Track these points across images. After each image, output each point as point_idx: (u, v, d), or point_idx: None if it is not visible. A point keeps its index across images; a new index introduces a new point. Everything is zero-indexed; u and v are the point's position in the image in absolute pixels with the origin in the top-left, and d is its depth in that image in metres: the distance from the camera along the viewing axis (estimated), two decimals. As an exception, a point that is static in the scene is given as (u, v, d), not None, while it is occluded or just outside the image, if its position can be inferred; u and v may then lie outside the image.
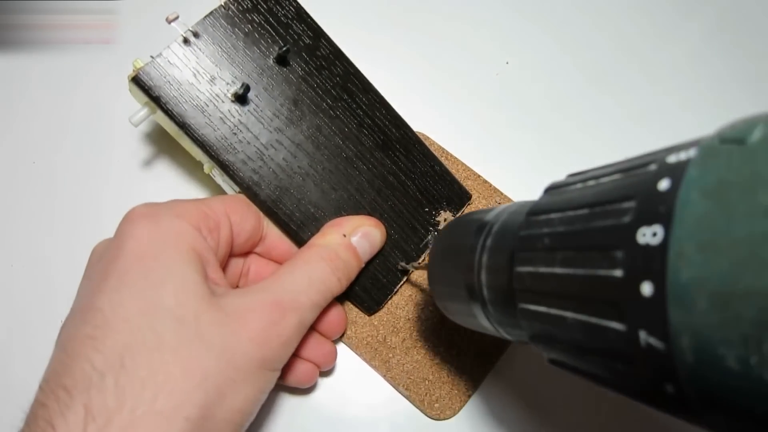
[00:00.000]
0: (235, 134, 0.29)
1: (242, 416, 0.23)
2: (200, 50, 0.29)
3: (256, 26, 0.31)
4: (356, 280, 0.30)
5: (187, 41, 0.29)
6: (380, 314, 0.33)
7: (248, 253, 0.30)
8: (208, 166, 0.31)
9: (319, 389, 0.32)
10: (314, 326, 0.29)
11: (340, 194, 0.31)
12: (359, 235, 0.30)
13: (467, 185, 0.35)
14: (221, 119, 0.29)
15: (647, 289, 0.12)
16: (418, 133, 0.35)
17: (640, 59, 0.43)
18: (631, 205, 0.13)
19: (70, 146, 0.37)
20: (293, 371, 0.29)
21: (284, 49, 0.30)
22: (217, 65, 0.30)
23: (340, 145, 0.32)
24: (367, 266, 0.31)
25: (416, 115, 0.35)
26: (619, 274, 0.13)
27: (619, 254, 0.13)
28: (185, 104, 0.29)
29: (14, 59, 0.39)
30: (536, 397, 0.32)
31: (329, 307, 0.29)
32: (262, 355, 0.23)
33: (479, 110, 0.40)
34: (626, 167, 0.15)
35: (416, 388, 0.31)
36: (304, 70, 0.31)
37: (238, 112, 0.30)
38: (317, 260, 0.27)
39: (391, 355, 0.32)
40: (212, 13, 0.30)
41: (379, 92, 0.33)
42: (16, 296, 0.33)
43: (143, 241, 0.23)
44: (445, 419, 0.31)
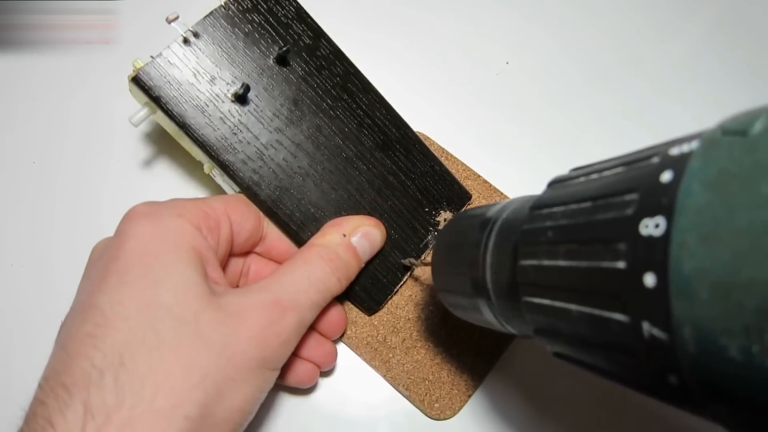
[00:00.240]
0: (235, 134, 0.29)
1: (241, 415, 0.23)
2: (200, 50, 0.29)
3: (256, 26, 0.31)
4: (356, 280, 0.30)
5: (187, 41, 0.29)
6: (380, 314, 0.33)
7: (248, 252, 0.30)
8: (208, 166, 0.31)
9: (319, 389, 0.32)
10: (314, 326, 0.29)
11: (340, 194, 0.31)
12: (359, 235, 0.30)
13: (467, 185, 0.36)
14: (221, 119, 0.29)
15: (650, 280, 0.12)
16: (418, 133, 0.35)
17: (639, 59, 0.43)
18: (633, 197, 0.13)
19: (70, 146, 0.37)
20: (293, 371, 0.29)
21: (284, 49, 0.30)
22: (217, 65, 0.30)
23: (340, 145, 0.32)
24: (367, 266, 0.31)
25: (416, 115, 0.35)
26: (622, 265, 0.13)
27: (622, 246, 0.13)
28: (185, 104, 0.29)
29: (14, 59, 0.39)
30: (536, 397, 0.32)
31: (329, 307, 0.29)
32: (261, 354, 0.23)
33: (479, 110, 0.40)
34: (629, 160, 0.15)
35: (416, 388, 0.31)
36: (304, 70, 0.31)
37: (238, 112, 0.30)
38: (317, 260, 0.27)
39: (391, 355, 0.32)
40: (212, 13, 0.30)
41: (379, 92, 0.33)
42: (16, 296, 0.33)
43: (143, 239, 0.23)
44: (445, 419, 0.31)
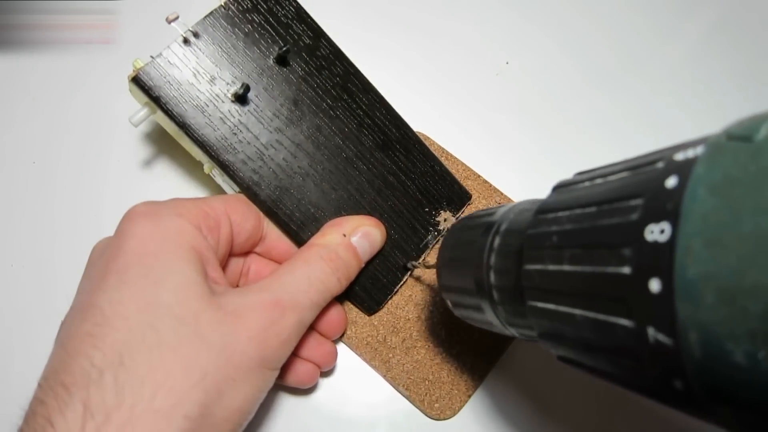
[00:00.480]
0: (235, 134, 0.29)
1: (241, 415, 0.23)
2: (200, 50, 0.29)
3: (256, 26, 0.31)
4: (356, 280, 0.30)
5: (187, 41, 0.29)
6: (380, 314, 0.33)
7: (248, 252, 0.30)
8: (208, 166, 0.30)
9: (319, 389, 0.32)
10: (314, 326, 0.29)
11: (340, 194, 0.31)
12: (359, 235, 0.30)
13: (467, 185, 0.36)
14: (221, 119, 0.29)
15: (655, 285, 0.12)
16: (418, 133, 0.35)
17: (639, 60, 0.43)
18: (638, 202, 0.13)
19: (70, 146, 0.37)
20: (294, 371, 0.29)
21: (284, 49, 0.30)
22: (217, 65, 0.30)
23: (340, 145, 0.32)
24: (367, 266, 0.31)
25: (416, 115, 0.35)
26: (627, 271, 0.13)
27: (627, 251, 0.13)
28: (185, 104, 0.29)
29: (14, 59, 0.39)
30: (536, 397, 0.32)
31: (329, 307, 0.29)
32: (261, 354, 0.23)
33: (479, 110, 0.40)
34: (634, 165, 0.15)
35: (416, 388, 0.31)
36: (304, 70, 0.31)
37: (238, 112, 0.30)
38: (317, 260, 0.27)
39: (391, 355, 0.32)
40: (212, 13, 0.30)
41: (379, 92, 0.33)
42: (16, 296, 0.33)
43: (143, 239, 0.23)
44: (445, 419, 0.31)
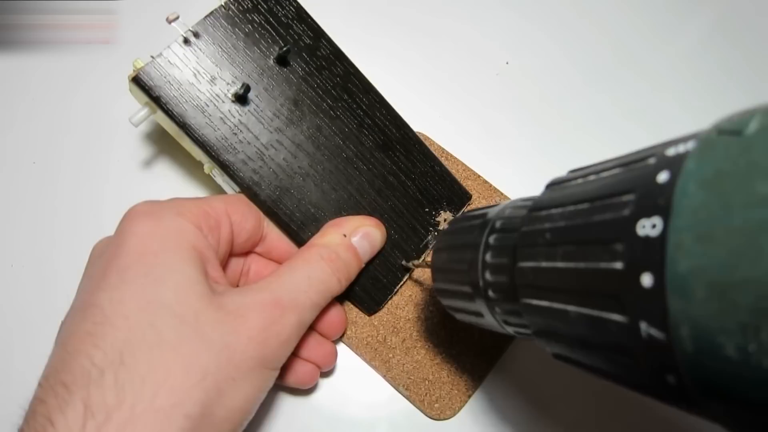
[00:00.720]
0: (235, 134, 0.29)
1: (241, 415, 0.23)
2: (200, 50, 0.29)
3: (256, 26, 0.31)
4: (356, 280, 0.30)
5: (187, 41, 0.29)
6: (380, 314, 0.33)
7: (249, 252, 0.30)
8: (208, 166, 0.31)
9: (319, 389, 0.32)
10: (314, 326, 0.29)
11: (340, 194, 0.31)
12: (359, 235, 0.30)
13: (467, 185, 0.36)
14: (221, 119, 0.29)
15: (647, 280, 0.12)
16: (418, 133, 0.35)
17: (639, 59, 0.43)
18: (630, 198, 0.13)
19: (70, 146, 0.37)
20: (294, 372, 0.29)
21: (284, 49, 0.30)
22: (217, 65, 0.30)
23: (340, 145, 0.32)
24: (367, 266, 0.31)
25: (416, 115, 0.35)
26: (619, 266, 0.13)
27: (619, 247, 0.13)
28: (185, 104, 0.29)
29: (14, 59, 0.39)
30: (536, 397, 0.32)
31: (329, 307, 0.29)
32: (261, 353, 0.23)
33: (479, 110, 0.40)
34: (626, 161, 0.15)
35: (416, 388, 0.31)
36: (304, 70, 0.32)
37: (238, 112, 0.30)
38: (317, 260, 0.27)
39: (391, 355, 0.32)
40: (212, 13, 0.30)
41: (379, 92, 0.33)
42: (16, 296, 0.33)
43: (144, 238, 0.23)
44: (445, 419, 0.31)
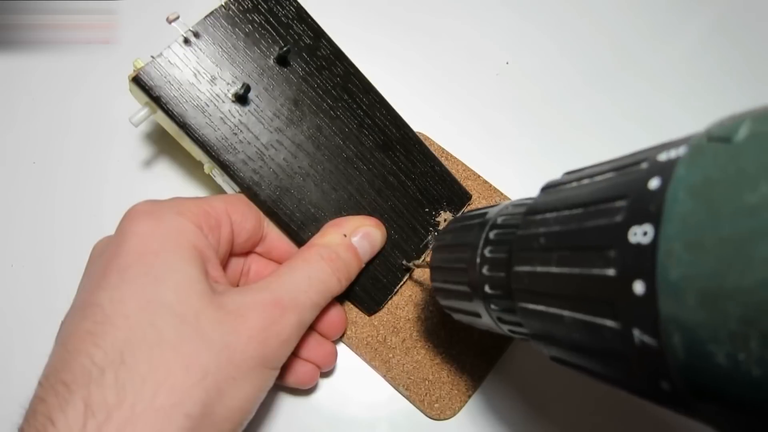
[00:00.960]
0: (235, 134, 0.29)
1: (241, 414, 0.23)
2: (201, 50, 0.29)
3: (256, 26, 0.31)
4: (356, 280, 0.30)
5: (187, 41, 0.29)
6: (380, 314, 0.33)
7: (249, 252, 0.30)
8: (208, 166, 0.31)
9: (319, 389, 0.32)
10: (314, 326, 0.29)
11: (340, 194, 0.31)
12: (360, 235, 0.30)
13: (467, 185, 0.36)
14: (222, 119, 0.29)
15: (639, 287, 0.12)
16: (418, 133, 0.35)
17: (638, 60, 0.43)
18: (623, 204, 0.13)
19: (70, 146, 0.37)
20: (294, 372, 0.29)
21: (285, 49, 0.30)
22: (217, 65, 0.30)
23: (340, 145, 0.32)
24: (367, 266, 0.31)
25: (416, 115, 0.35)
26: (612, 273, 0.13)
27: (611, 253, 0.13)
28: (186, 104, 0.29)
29: (14, 59, 0.39)
30: (536, 397, 0.32)
31: (329, 307, 0.29)
32: (261, 353, 0.23)
33: (479, 110, 0.40)
34: (620, 165, 0.15)
35: (416, 388, 0.31)
36: (304, 70, 0.32)
37: (238, 112, 0.30)
38: (317, 260, 0.27)
39: (391, 355, 0.32)
40: (213, 13, 0.30)
41: (379, 92, 0.33)
42: (16, 296, 0.33)
43: (144, 237, 0.23)
44: (445, 419, 0.31)
